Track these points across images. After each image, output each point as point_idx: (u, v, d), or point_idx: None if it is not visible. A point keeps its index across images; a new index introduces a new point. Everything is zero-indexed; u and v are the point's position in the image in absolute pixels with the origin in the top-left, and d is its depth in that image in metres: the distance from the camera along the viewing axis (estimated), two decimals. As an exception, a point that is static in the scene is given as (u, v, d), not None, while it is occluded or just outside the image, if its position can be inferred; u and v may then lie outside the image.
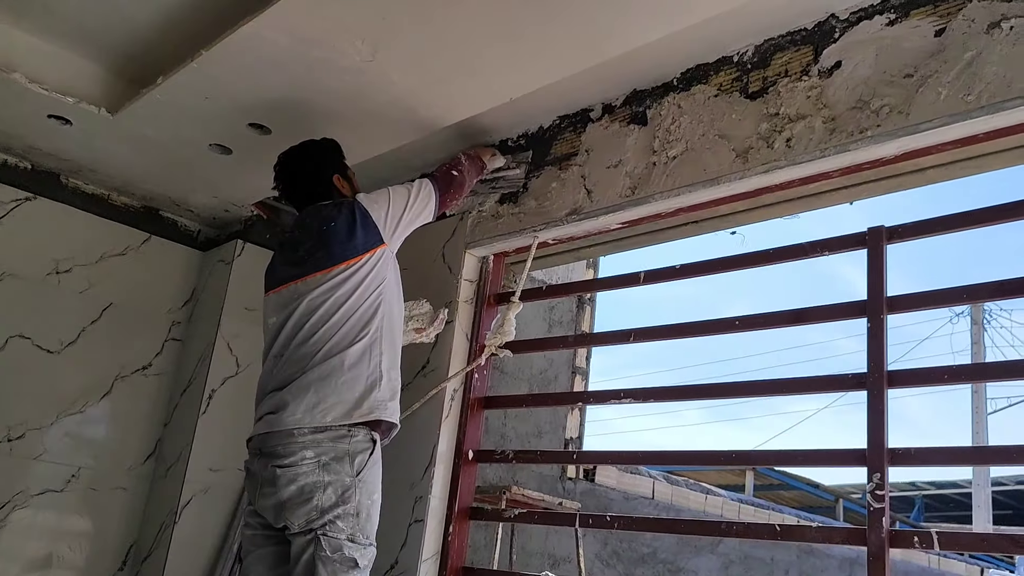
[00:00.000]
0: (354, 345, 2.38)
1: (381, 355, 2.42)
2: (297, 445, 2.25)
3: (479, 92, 2.77)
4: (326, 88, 2.79)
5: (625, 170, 2.83)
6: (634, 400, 2.85)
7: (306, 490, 2.22)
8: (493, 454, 3.25)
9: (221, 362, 3.94)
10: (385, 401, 2.38)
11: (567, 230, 3.03)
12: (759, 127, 2.48)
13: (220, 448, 3.79)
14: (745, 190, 2.57)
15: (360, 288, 2.45)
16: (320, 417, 2.27)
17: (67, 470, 3.80)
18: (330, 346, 2.36)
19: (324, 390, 2.30)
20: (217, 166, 3.53)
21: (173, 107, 3.05)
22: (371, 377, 2.37)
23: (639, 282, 2.94)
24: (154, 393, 4.08)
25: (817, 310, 2.53)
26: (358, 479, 2.26)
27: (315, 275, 2.47)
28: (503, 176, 3.16)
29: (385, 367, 2.42)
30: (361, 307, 2.43)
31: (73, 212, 3.93)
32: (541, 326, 5.46)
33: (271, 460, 2.27)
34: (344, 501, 2.23)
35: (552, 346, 4.64)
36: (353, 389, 2.33)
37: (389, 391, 2.41)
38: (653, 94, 2.85)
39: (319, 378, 2.32)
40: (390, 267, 2.58)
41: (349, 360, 2.35)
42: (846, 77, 2.33)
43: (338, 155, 2.81)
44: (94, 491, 3.86)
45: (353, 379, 2.34)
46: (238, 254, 4.08)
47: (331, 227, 2.51)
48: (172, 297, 4.21)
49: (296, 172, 2.74)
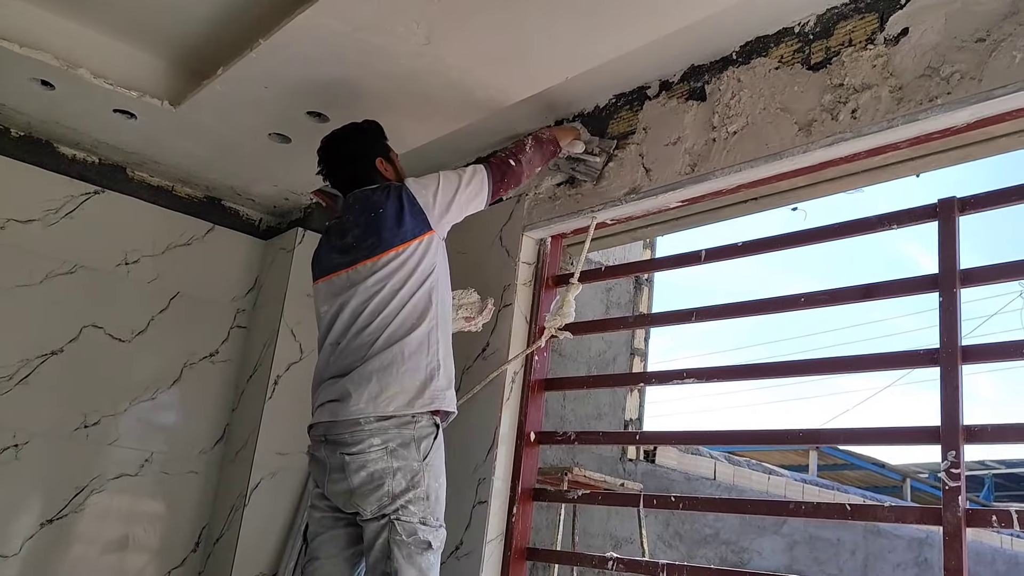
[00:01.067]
0: (412, 333, 2.37)
1: (439, 343, 2.41)
2: (364, 433, 2.27)
3: (536, 72, 2.75)
4: (382, 74, 2.80)
5: (684, 147, 2.79)
6: (696, 380, 2.81)
7: (376, 476, 2.25)
8: (555, 435, 3.25)
9: (285, 348, 4.00)
10: (443, 390, 2.38)
11: (625, 210, 3.00)
12: (823, 99, 2.42)
13: (286, 432, 3.86)
14: (808, 164, 2.51)
15: (414, 276, 2.43)
16: (384, 406, 2.28)
17: (140, 455, 3.90)
18: (388, 334, 2.36)
19: (386, 379, 2.31)
20: (277, 155, 3.57)
21: (233, 98, 3.09)
22: (430, 366, 2.37)
23: (700, 260, 2.90)
24: (221, 380, 4.17)
25: (887, 285, 2.46)
26: (425, 463, 2.28)
27: (367, 262, 2.46)
28: (583, 160, 3.05)
29: (442, 355, 2.42)
30: (416, 295, 2.42)
31: (139, 204, 4.02)
32: (599, 308, 5.43)
33: (339, 447, 2.30)
34: (414, 485, 2.25)
35: (612, 327, 4.61)
36: (414, 378, 2.33)
37: (446, 379, 2.41)
38: (712, 69, 2.80)
39: (380, 367, 2.32)
40: (440, 254, 2.54)
41: (409, 349, 2.35)
42: (914, 44, 2.26)
43: (380, 138, 2.73)
44: (166, 475, 3.96)
45: (414, 368, 2.34)
46: (299, 242, 4.13)
47: (379, 213, 2.49)
48: (236, 285, 4.29)
49: (338, 156, 2.69)
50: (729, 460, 6.45)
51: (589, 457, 5.09)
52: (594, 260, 4.66)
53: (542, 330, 3.16)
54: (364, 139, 2.69)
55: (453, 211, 2.56)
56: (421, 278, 2.44)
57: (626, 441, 5.24)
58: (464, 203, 2.59)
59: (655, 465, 5.65)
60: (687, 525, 5.69)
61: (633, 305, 5.74)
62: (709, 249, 2.89)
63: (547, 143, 2.89)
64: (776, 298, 2.72)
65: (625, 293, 5.69)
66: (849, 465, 11.13)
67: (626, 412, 5.60)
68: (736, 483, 6.27)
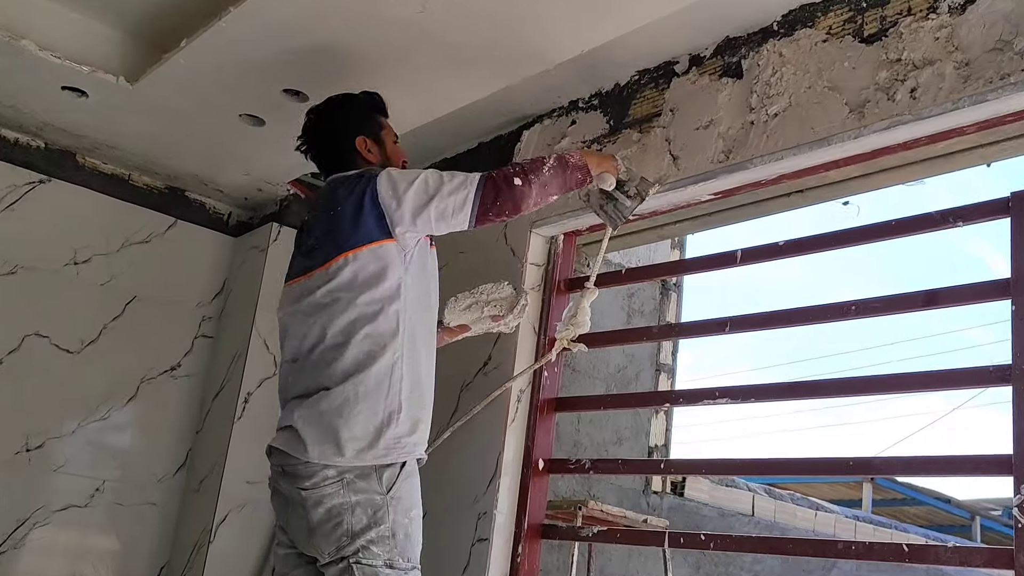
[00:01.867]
0: (371, 367, 2.30)
1: (403, 380, 2.34)
2: (317, 465, 2.26)
3: (547, 44, 2.76)
4: (370, 44, 2.81)
5: (717, 131, 2.79)
6: (732, 400, 2.81)
7: (334, 512, 2.22)
8: (567, 463, 3.25)
9: (257, 361, 4.01)
10: (403, 437, 2.31)
11: (649, 203, 2.99)
12: (877, 76, 2.43)
13: (258, 458, 3.81)
14: (860, 151, 2.52)
15: (370, 292, 2.34)
16: (331, 455, 2.25)
17: (91, 483, 3.91)
18: (342, 365, 2.31)
19: (335, 423, 2.26)
20: (249, 139, 3.58)
21: (199, 73, 3.10)
22: (388, 408, 2.30)
23: (736, 262, 2.90)
24: (184, 397, 4.18)
25: (952, 291, 2.46)
26: (390, 496, 2.24)
27: (318, 271, 2.41)
28: (614, 199, 2.75)
29: (405, 395, 2.34)
30: (377, 318, 2.33)
31: (91, 195, 4.04)
32: (619, 316, 5.43)
33: (295, 481, 2.29)
34: (376, 522, 2.22)
35: (634, 338, 4.61)
36: (367, 424, 2.27)
37: (409, 423, 2.33)
38: (749, 42, 2.80)
39: (329, 408, 2.28)
40: (413, 270, 2.42)
41: (364, 387, 2.29)
42: (983, 13, 2.26)
43: (366, 111, 2.65)
44: (120, 506, 3.97)
45: (368, 411, 2.28)
46: (274, 239, 4.14)
47: (338, 211, 2.41)
48: (201, 289, 4.30)
49: (314, 132, 2.64)
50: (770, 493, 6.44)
51: (607, 489, 5.08)
52: (613, 261, 4.66)
53: (553, 342, 3.16)
54: (346, 112, 2.63)
55: (421, 223, 2.38)
56: (381, 297, 2.35)
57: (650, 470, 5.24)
58: (437, 216, 2.37)
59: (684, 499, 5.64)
60: (721, 568, 5.67)
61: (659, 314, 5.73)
62: (746, 249, 2.88)
63: (574, 169, 2.53)
64: (823, 306, 2.71)
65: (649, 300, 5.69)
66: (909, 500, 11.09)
67: (650, 437, 5.59)
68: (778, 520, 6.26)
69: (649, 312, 5.64)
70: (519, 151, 3.48)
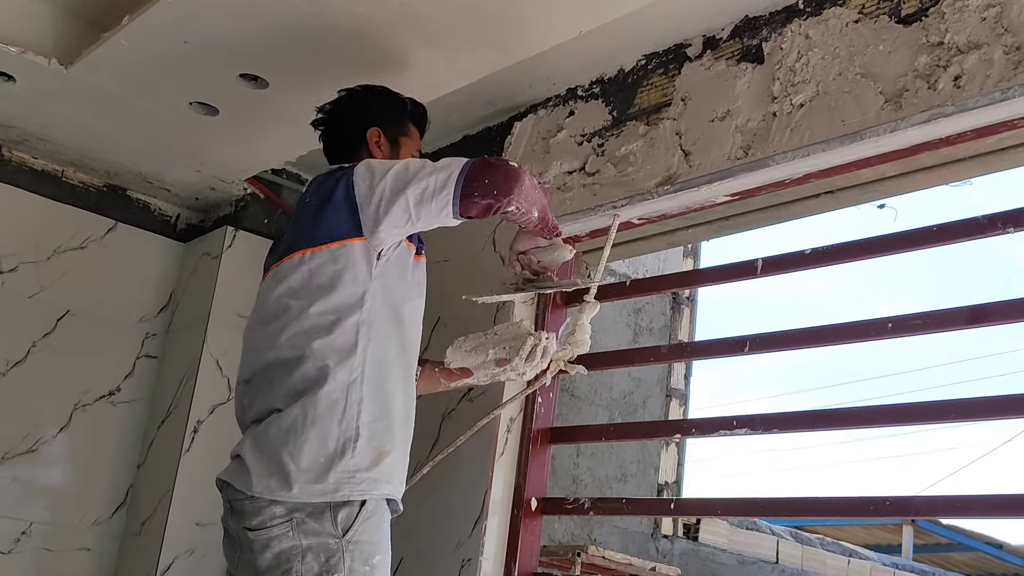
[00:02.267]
0: (322, 387, 2.28)
1: (362, 402, 2.31)
2: (263, 501, 2.24)
3: (542, 24, 2.77)
4: (339, 25, 2.82)
5: (735, 123, 2.80)
6: (752, 431, 2.82)
7: (283, 558, 2.21)
8: (563, 503, 3.25)
9: (209, 385, 4.00)
10: (360, 470, 2.27)
11: (658, 205, 3.01)
12: (916, 62, 2.44)
13: (209, 497, 3.81)
14: (898, 147, 2.52)
15: (325, 298, 2.34)
16: (277, 489, 2.23)
17: (15, 526, 3.89)
18: (293, 386, 2.30)
19: (281, 451, 2.25)
20: (200, 130, 3.59)
21: (143, 55, 3.10)
22: (344, 435, 2.27)
23: (756, 272, 2.91)
24: (124, 426, 4.16)
25: (1001, 306, 2.47)
26: (346, 540, 2.22)
27: (273, 267, 2.46)
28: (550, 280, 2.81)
29: (365, 421, 2.30)
30: (334, 329, 2.32)
31: (18, 194, 4.03)
32: (624, 334, 5.45)
33: (241, 519, 2.28)
34: (330, 570, 2.19)
35: (640, 360, 4.61)
36: (316, 452, 2.25)
37: (370, 455, 2.29)
38: (771, 22, 2.82)
39: (278, 433, 2.27)
40: (386, 277, 2.41)
41: (315, 409, 2.27)
42: (1036, -9, 2.27)
43: (402, 112, 2.73)
44: (49, 552, 3.94)
45: (319, 437, 2.25)
46: (228, 245, 4.14)
47: (305, 203, 2.49)
48: (145, 302, 4.29)
49: (337, 109, 2.74)
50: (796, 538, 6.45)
51: (610, 532, 5.09)
52: (618, 271, 4.67)
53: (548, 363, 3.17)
54: (362, 102, 2.71)
55: (398, 210, 2.33)
56: (338, 306, 2.34)
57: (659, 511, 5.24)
58: (416, 200, 2.32)
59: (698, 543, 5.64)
60: (740, 623, 5.67)
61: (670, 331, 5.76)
62: (768, 258, 2.90)
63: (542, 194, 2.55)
64: (855, 323, 2.72)
65: (659, 315, 5.71)
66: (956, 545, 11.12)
67: (660, 473, 5.60)
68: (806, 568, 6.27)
69: (658, 329, 5.66)
70: (510, 145, 3.49)
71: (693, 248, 5.81)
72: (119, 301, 4.23)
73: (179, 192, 4.26)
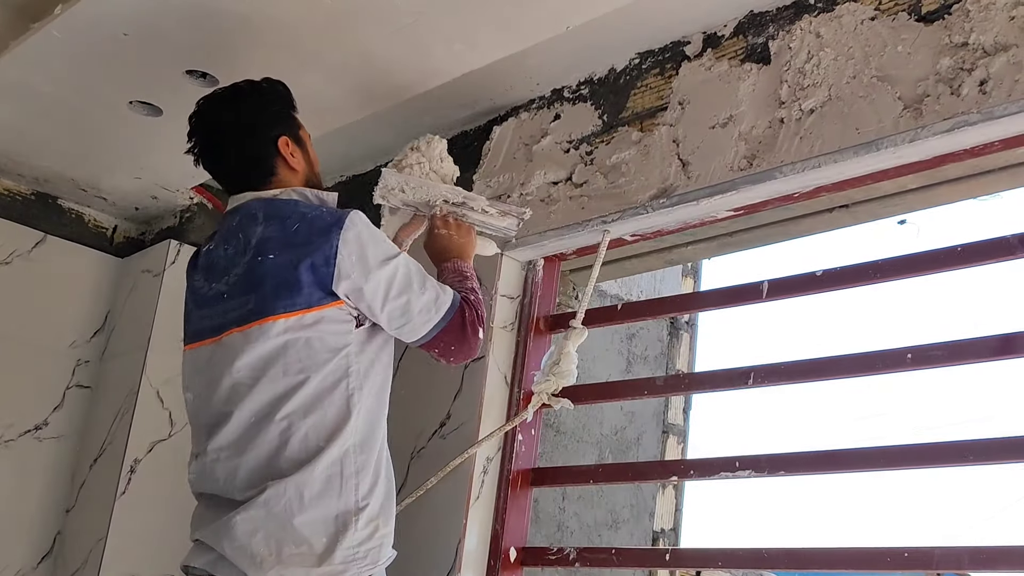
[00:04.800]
0: (316, 463, 2.28)
1: (357, 473, 2.34)
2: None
3: (524, 21, 2.78)
4: (296, 17, 2.83)
5: (738, 131, 2.82)
6: (757, 473, 2.83)
7: None
8: (546, 553, 3.24)
9: (148, 419, 3.98)
10: (364, 542, 2.32)
11: (652, 220, 3.02)
12: (938, 64, 2.46)
13: (147, 546, 3.82)
14: (919, 158, 2.54)
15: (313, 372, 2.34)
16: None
17: (-73, 577, 3.87)
18: (280, 465, 2.30)
19: (272, 539, 2.26)
20: (142, 133, 3.59)
21: (78, 49, 3.11)
22: (344, 515, 2.30)
23: (762, 296, 2.92)
24: (51, 464, 4.15)
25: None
26: None
27: (237, 331, 2.37)
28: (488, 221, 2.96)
29: (364, 490, 2.34)
30: (323, 402, 2.33)
31: (-65, 203, 4.02)
32: (617, 364, 5.44)
33: None
34: None
35: (633, 392, 4.60)
36: (316, 533, 2.27)
37: (369, 524, 2.34)
38: (779, 18, 2.84)
39: (266, 519, 2.26)
40: (372, 346, 2.46)
41: (311, 490, 2.28)
42: (1070, -13, 2.30)
43: (285, 105, 2.63)
44: (-34, 608, 3.93)
45: (317, 520, 2.28)
46: (171, 261, 4.13)
47: (269, 261, 2.36)
48: (77, 324, 4.28)
49: (215, 127, 2.57)
50: (807, 592, 6.46)
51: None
52: (609, 293, 4.68)
53: (529, 396, 3.17)
54: (257, 102, 2.58)
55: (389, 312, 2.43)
56: (326, 374, 2.35)
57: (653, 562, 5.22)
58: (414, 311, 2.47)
59: (698, 598, 5.64)
60: None
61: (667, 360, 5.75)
62: (774, 280, 2.91)
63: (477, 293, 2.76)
64: (872, 354, 2.73)
65: (655, 343, 5.71)
66: (985, 601, 11.12)
67: (655, 519, 5.59)
68: (817, 626, 6.28)
69: (655, 359, 5.66)
70: (488, 152, 3.49)
71: (693, 267, 5.81)
72: (47, 323, 4.21)
73: (117, 201, 4.25)
